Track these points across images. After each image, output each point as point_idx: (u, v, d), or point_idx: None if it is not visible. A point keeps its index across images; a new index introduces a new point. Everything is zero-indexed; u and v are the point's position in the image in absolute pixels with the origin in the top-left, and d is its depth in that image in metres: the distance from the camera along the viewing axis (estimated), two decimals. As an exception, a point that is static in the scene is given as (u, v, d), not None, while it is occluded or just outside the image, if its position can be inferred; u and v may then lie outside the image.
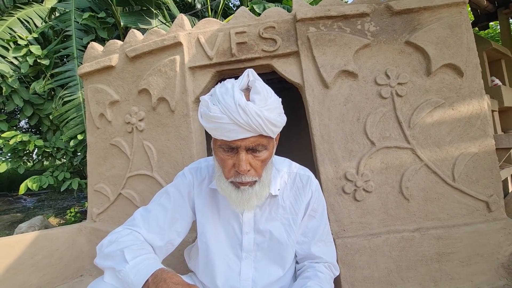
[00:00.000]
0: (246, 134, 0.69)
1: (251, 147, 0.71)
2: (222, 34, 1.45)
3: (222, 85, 0.73)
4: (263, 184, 0.77)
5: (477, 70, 1.35)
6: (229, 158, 0.72)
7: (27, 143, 3.25)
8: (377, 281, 1.25)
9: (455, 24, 1.34)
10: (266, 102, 0.70)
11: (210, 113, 0.69)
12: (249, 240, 0.85)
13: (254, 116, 0.67)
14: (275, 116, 0.71)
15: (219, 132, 0.70)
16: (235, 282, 0.84)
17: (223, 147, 0.72)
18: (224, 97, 0.69)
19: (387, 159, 1.33)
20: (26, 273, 1.59)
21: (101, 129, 1.80)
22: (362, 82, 1.36)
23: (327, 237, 0.91)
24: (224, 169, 0.74)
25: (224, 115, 0.68)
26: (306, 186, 0.89)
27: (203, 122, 0.73)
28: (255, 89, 0.71)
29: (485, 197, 1.30)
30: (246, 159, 0.71)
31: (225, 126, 0.68)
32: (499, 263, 1.26)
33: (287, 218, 0.87)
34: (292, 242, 0.88)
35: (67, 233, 1.77)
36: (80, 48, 3.40)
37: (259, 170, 0.74)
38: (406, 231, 1.27)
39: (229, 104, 0.67)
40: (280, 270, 0.87)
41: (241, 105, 0.67)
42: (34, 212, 4.52)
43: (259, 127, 0.68)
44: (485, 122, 1.33)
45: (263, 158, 0.74)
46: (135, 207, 1.64)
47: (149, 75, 1.56)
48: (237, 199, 0.75)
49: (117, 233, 0.79)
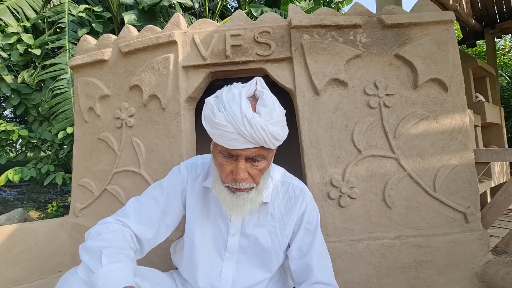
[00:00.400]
0: (248, 145, 0.69)
1: (251, 157, 0.72)
2: (217, 35, 1.46)
3: (229, 90, 0.72)
4: (259, 191, 0.77)
5: (461, 86, 1.41)
6: (228, 164, 0.73)
7: (11, 133, 3.16)
8: (356, 286, 1.28)
9: (442, 41, 1.40)
10: (272, 115, 0.71)
11: (215, 119, 0.69)
12: (234, 242, 0.86)
13: (258, 129, 0.68)
14: (279, 130, 0.72)
15: (221, 139, 0.70)
16: (215, 281, 0.85)
17: (223, 153, 0.73)
18: (230, 104, 0.69)
19: (372, 167, 1.36)
20: (2, 267, 1.54)
21: (90, 123, 1.78)
22: (352, 91, 1.40)
23: (322, 250, 0.89)
24: (222, 174, 0.75)
25: (229, 123, 0.68)
26: (299, 197, 0.89)
27: (206, 126, 0.73)
28: (262, 101, 0.71)
29: (463, 208, 1.35)
30: (244, 168, 0.72)
31: (229, 134, 0.68)
32: (473, 272, 1.31)
33: (275, 226, 0.87)
34: (276, 250, 0.87)
35: (48, 227, 1.72)
36: (73, 41, 3.35)
37: (257, 178, 0.75)
38: (387, 238, 1.31)
39: (235, 114, 0.68)
40: (261, 274, 0.87)
41: (247, 116, 0.67)
42: (13, 205, 4.37)
43: (262, 140, 0.69)
44: (466, 136, 1.39)
45: (261, 167, 0.75)
46: (120, 203, 1.62)
47: (141, 72, 1.56)
48: (231, 203, 0.75)
49: (105, 225, 0.78)
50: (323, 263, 0.87)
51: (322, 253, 0.88)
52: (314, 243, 0.87)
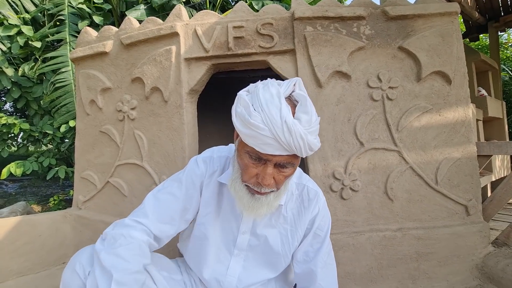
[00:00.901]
0: (281, 152, 0.65)
1: (281, 164, 0.69)
2: (219, 27, 1.45)
3: (266, 88, 0.66)
4: (278, 195, 0.75)
5: (464, 79, 1.40)
6: (254, 167, 0.69)
7: (12, 126, 3.16)
8: (358, 277, 1.29)
9: (446, 33, 1.38)
10: (311, 124, 0.67)
11: (250, 119, 0.64)
12: (243, 240, 0.85)
13: (297, 137, 0.63)
14: (315, 140, 0.68)
15: (253, 141, 0.65)
16: (221, 276, 0.85)
17: (251, 154, 0.69)
18: (269, 106, 0.63)
19: (374, 160, 1.36)
20: (6, 258, 1.55)
21: (91, 116, 1.78)
22: (355, 84, 1.39)
23: (328, 258, 0.88)
24: (245, 174, 0.71)
25: (266, 127, 0.63)
26: (312, 201, 0.87)
27: (237, 123, 0.68)
28: (304, 108, 0.66)
29: (464, 201, 1.36)
30: (271, 174, 0.68)
31: (264, 138, 0.64)
32: (473, 264, 1.33)
33: (286, 228, 0.86)
34: (285, 253, 0.87)
35: (51, 220, 1.73)
36: (74, 34, 3.32)
37: (280, 183, 0.72)
38: (389, 230, 1.32)
39: (274, 117, 0.63)
40: (267, 274, 0.88)
41: (287, 123, 0.62)
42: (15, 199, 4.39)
43: (298, 149, 0.65)
44: (469, 130, 1.38)
45: (287, 174, 0.72)
46: (122, 196, 1.63)
47: (143, 64, 1.55)
48: (248, 205, 0.73)
49: (123, 233, 0.75)
50: (328, 272, 0.86)
51: (327, 261, 0.87)
52: (321, 251, 0.86)
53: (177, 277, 0.89)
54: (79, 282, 0.72)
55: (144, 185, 1.57)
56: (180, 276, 0.90)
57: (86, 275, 0.72)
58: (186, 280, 0.90)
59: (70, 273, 0.74)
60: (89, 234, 1.70)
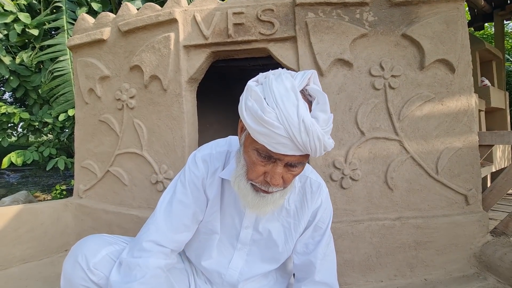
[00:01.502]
0: (295, 152, 0.61)
1: (292, 163, 0.64)
2: (219, 13, 1.41)
3: (279, 79, 0.60)
4: (284, 193, 0.71)
5: (468, 67, 1.38)
6: (262, 165, 0.65)
7: (12, 115, 3.15)
8: (356, 265, 1.31)
9: (451, 20, 1.35)
10: (328, 123, 0.62)
11: (264, 116, 0.58)
12: (246, 235, 0.84)
13: (314, 138, 0.59)
14: (329, 140, 0.64)
15: (266, 139, 0.60)
16: (223, 269, 0.85)
17: (261, 152, 0.63)
18: (284, 102, 0.58)
19: (375, 149, 1.36)
20: (9, 246, 1.57)
21: (90, 105, 1.76)
22: (357, 72, 1.37)
23: (327, 250, 0.86)
24: (251, 172, 0.67)
25: (281, 125, 0.58)
26: (315, 193, 0.84)
27: (247, 118, 0.61)
28: (322, 106, 0.61)
29: (464, 190, 1.36)
30: (281, 173, 0.64)
31: (278, 137, 0.58)
32: (471, 253, 1.34)
33: (289, 222, 0.85)
34: (289, 248, 0.86)
35: (52, 208, 1.75)
36: (71, 22, 3.25)
37: (288, 183, 0.68)
38: (388, 219, 1.32)
39: (291, 116, 0.57)
40: (268, 266, 0.88)
41: (305, 122, 0.57)
42: (17, 188, 4.43)
43: (313, 150, 0.60)
44: (471, 119, 1.37)
45: (296, 173, 0.68)
46: (123, 185, 1.63)
47: (142, 51, 1.52)
48: (253, 202, 0.69)
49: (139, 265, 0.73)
50: (327, 264, 0.85)
51: (327, 253, 0.86)
52: (321, 243, 0.85)
53: (179, 266, 0.90)
54: (81, 274, 0.72)
55: (144, 174, 1.57)
56: (182, 264, 0.91)
57: (89, 266, 0.72)
58: (187, 268, 0.91)
59: (72, 264, 0.74)
60: (90, 223, 1.71)
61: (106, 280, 0.73)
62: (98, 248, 0.77)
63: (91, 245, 0.77)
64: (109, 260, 0.76)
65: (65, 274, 0.74)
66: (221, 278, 0.85)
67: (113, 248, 0.79)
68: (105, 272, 0.74)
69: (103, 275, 0.73)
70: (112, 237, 0.84)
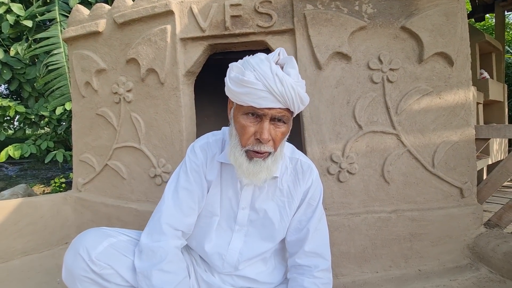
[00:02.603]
0: (276, 104, 0.71)
1: (277, 117, 0.74)
2: (216, 5, 1.39)
3: (255, 56, 0.74)
4: (275, 159, 0.79)
5: (467, 61, 1.37)
6: (252, 126, 0.74)
7: (7, 109, 3.12)
8: (352, 256, 1.33)
9: (451, 12, 1.34)
10: (299, 79, 0.74)
11: (244, 77, 0.70)
12: (243, 215, 0.88)
13: (289, 88, 0.70)
14: (304, 93, 0.75)
15: (249, 98, 0.71)
16: (223, 250, 0.88)
17: (248, 113, 0.74)
18: (260, 65, 0.71)
19: (372, 143, 1.36)
20: (10, 239, 1.59)
21: (87, 98, 1.75)
22: (355, 66, 1.36)
23: (319, 224, 0.91)
24: (244, 136, 0.75)
25: (259, 81, 0.70)
26: (306, 173, 0.91)
27: (232, 86, 0.74)
28: (291, 64, 0.74)
29: (460, 183, 1.37)
30: (269, 129, 0.73)
31: (258, 92, 0.70)
32: (465, 244, 1.37)
33: (283, 201, 0.90)
34: (285, 225, 0.90)
35: (52, 202, 1.76)
36: (64, 13, 3.18)
37: (277, 142, 0.77)
38: (384, 212, 1.34)
39: (266, 72, 0.70)
40: (266, 245, 0.91)
41: (278, 75, 0.70)
42: (16, 181, 4.43)
43: (290, 100, 0.72)
44: (469, 113, 1.37)
45: (283, 131, 0.76)
46: (121, 178, 1.64)
47: (138, 44, 1.50)
48: (247, 170, 0.76)
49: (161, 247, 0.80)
50: (318, 236, 0.90)
51: (318, 227, 0.90)
52: (313, 218, 0.90)
53: None
54: (83, 265, 0.74)
55: (142, 168, 1.58)
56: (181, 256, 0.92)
57: (91, 258, 0.74)
58: (187, 259, 0.93)
59: (73, 256, 0.76)
60: (90, 216, 1.73)
61: (109, 269, 0.76)
62: (99, 240, 0.79)
63: (92, 238, 0.79)
64: (111, 250, 0.79)
65: (67, 266, 0.76)
66: (222, 260, 0.89)
67: (114, 240, 0.81)
68: (108, 263, 0.76)
69: (106, 265, 0.76)
70: (112, 229, 0.86)
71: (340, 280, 1.31)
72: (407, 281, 1.27)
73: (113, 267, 0.76)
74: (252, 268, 0.92)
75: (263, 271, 0.93)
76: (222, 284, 0.90)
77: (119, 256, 0.79)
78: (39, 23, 3.40)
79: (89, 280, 0.75)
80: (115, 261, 0.77)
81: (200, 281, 0.91)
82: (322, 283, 0.85)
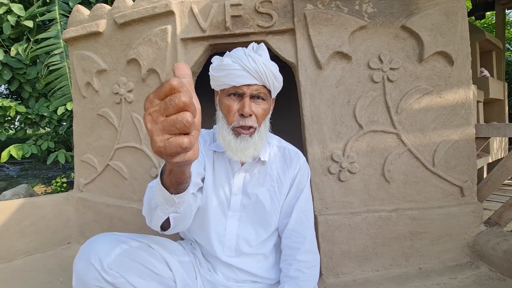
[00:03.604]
0: (252, 81, 0.82)
1: (255, 94, 0.84)
2: (216, 5, 1.39)
3: (233, 50, 0.87)
4: (261, 135, 0.86)
5: (467, 60, 1.37)
6: (235, 104, 0.84)
7: (8, 109, 3.12)
8: (353, 255, 1.34)
9: (451, 11, 1.34)
10: (269, 60, 0.86)
11: (223, 62, 0.82)
12: (236, 201, 0.93)
13: (261, 65, 0.81)
14: (276, 71, 0.86)
15: (229, 79, 0.82)
16: (221, 236, 0.93)
17: (230, 93, 0.84)
18: (235, 52, 0.85)
19: (373, 142, 1.37)
20: (13, 239, 1.60)
21: (88, 99, 1.75)
22: (355, 65, 1.36)
23: (304, 205, 0.96)
24: (229, 114, 0.84)
25: (235, 63, 0.81)
26: (294, 159, 0.98)
27: (214, 73, 0.85)
28: (262, 48, 0.87)
29: (460, 182, 1.38)
30: (249, 104, 0.83)
31: (236, 72, 0.81)
32: (465, 242, 1.37)
33: (273, 185, 0.95)
34: (276, 208, 0.95)
35: (54, 202, 1.76)
36: (64, 13, 3.17)
37: (260, 118, 0.85)
38: (384, 211, 1.35)
39: (240, 55, 0.82)
40: (262, 231, 0.94)
41: (251, 55, 0.82)
42: (17, 181, 4.45)
43: (264, 76, 0.82)
44: (469, 112, 1.38)
45: (263, 107, 0.86)
46: (123, 178, 1.65)
47: (138, 45, 1.50)
48: (235, 147, 0.83)
49: None
50: (302, 216, 0.95)
51: (303, 208, 0.95)
52: (300, 198, 0.96)
53: (185, 259, 0.93)
54: (95, 274, 0.71)
55: (144, 168, 1.58)
56: (187, 257, 0.94)
57: (103, 267, 0.71)
58: (192, 260, 0.95)
59: (85, 264, 0.72)
60: (92, 216, 1.74)
61: (121, 279, 0.73)
62: (111, 248, 0.76)
63: (103, 245, 0.75)
64: (123, 258, 0.76)
65: (78, 275, 0.73)
66: (221, 246, 0.92)
67: (126, 246, 0.78)
68: (120, 272, 0.73)
69: (118, 274, 0.73)
70: (123, 235, 0.83)
71: (341, 278, 1.32)
72: (408, 279, 1.28)
73: (124, 276, 0.73)
74: (253, 262, 0.94)
75: (264, 266, 0.95)
76: (226, 281, 0.92)
77: (131, 264, 0.77)
78: (40, 23, 3.40)
79: None
80: (127, 269, 0.75)
81: (204, 282, 0.92)
82: (307, 267, 0.89)
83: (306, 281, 0.87)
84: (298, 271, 0.87)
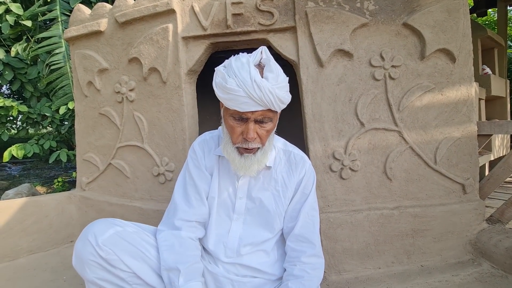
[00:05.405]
0: (257, 108, 0.77)
1: (259, 119, 0.80)
2: (217, 3, 1.39)
3: (237, 59, 0.79)
4: (265, 152, 0.86)
5: (469, 57, 1.37)
6: (239, 126, 0.81)
7: (10, 109, 3.13)
8: (355, 253, 1.34)
9: (453, 8, 1.33)
10: (277, 80, 0.78)
11: (226, 85, 0.76)
12: (241, 204, 0.94)
13: (267, 92, 0.75)
14: (284, 94, 0.80)
15: (233, 103, 0.78)
16: (224, 238, 0.94)
17: (234, 116, 0.81)
18: (240, 71, 0.76)
19: (374, 140, 1.37)
20: (16, 238, 1.61)
21: (90, 98, 1.76)
22: (357, 63, 1.36)
23: (310, 210, 0.95)
24: (233, 135, 0.83)
25: (240, 88, 0.75)
26: (299, 163, 0.97)
27: (218, 92, 0.81)
28: (269, 67, 0.78)
29: (462, 180, 1.38)
30: (254, 129, 0.80)
31: (240, 98, 0.76)
32: (467, 240, 1.37)
33: (278, 190, 0.95)
34: (280, 212, 0.95)
35: (56, 201, 1.77)
36: (66, 13, 3.17)
37: (264, 138, 0.84)
38: (386, 209, 1.35)
39: (245, 79, 0.75)
40: (264, 234, 0.95)
41: (256, 81, 0.75)
42: (20, 180, 4.46)
43: (270, 103, 0.77)
44: (471, 109, 1.37)
45: (268, 128, 0.83)
46: (125, 177, 1.65)
47: (140, 43, 1.51)
48: (240, 164, 0.84)
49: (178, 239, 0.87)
50: (308, 221, 0.94)
51: (309, 213, 0.95)
52: (306, 203, 0.95)
53: None
54: (91, 249, 0.78)
55: (146, 167, 1.59)
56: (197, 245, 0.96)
57: (98, 243, 0.78)
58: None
59: (83, 242, 0.80)
60: (94, 214, 1.74)
61: (113, 255, 0.79)
62: (106, 228, 0.83)
63: (100, 226, 0.83)
64: (116, 238, 0.82)
65: (76, 252, 0.80)
66: (223, 247, 0.93)
67: (120, 229, 0.85)
68: (113, 249, 0.79)
69: (111, 251, 0.79)
70: (119, 220, 0.91)
71: (343, 276, 1.33)
72: (410, 276, 1.28)
73: (116, 253, 0.79)
74: (254, 257, 0.95)
75: (265, 261, 0.96)
76: (226, 273, 0.93)
77: (124, 244, 0.82)
78: (40, 22, 3.40)
79: (97, 265, 0.78)
80: (119, 248, 0.81)
81: (205, 273, 0.94)
82: (312, 268, 0.89)
83: (310, 281, 0.87)
84: (303, 271, 0.88)
